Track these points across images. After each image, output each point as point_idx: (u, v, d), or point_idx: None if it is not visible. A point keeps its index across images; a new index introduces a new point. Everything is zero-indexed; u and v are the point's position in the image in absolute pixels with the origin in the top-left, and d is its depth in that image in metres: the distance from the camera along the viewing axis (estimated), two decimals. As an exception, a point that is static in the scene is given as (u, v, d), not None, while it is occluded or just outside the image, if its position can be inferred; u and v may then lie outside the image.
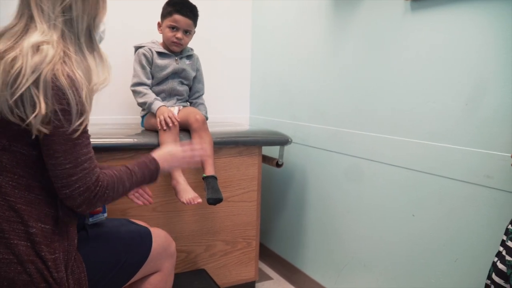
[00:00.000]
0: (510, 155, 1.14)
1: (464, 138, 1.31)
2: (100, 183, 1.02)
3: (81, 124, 0.99)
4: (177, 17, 1.76)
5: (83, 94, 0.99)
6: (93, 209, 1.07)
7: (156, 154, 1.22)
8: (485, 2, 1.24)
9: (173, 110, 1.82)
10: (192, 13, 1.80)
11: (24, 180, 1.00)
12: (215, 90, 2.33)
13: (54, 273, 1.00)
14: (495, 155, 1.22)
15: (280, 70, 2.25)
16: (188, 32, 1.82)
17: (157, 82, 1.82)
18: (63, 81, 0.95)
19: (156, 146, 1.63)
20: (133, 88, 1.79)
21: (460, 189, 1.33)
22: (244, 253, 1.97)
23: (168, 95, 1.85)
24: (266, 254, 2.42)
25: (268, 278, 2.27)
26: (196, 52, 1.95)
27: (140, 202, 1.40)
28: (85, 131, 1.02)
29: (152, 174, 1.18)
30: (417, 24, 1.45)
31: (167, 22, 1.78)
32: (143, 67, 1.79)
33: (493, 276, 1.00)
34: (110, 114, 2.12)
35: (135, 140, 1.62)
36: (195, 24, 1.85)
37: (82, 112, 0.99)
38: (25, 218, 0.99)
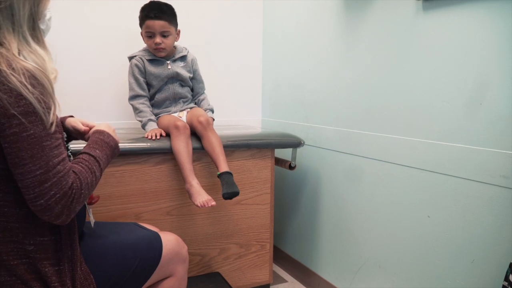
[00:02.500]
0: None
1: (479, 138, 1.30)
2: (74, 185, 0.91)
3: (51, 123, 0.89)
4: (149, 22, 1.74)
5: (45, 87, 0.89)
6: (73, 215, 0.94)
7: (103, 126, 1.15)
8: (500, 1, 1.22)
9: (182, 116, 1.83)
10: (162, 12, 1.74)
11: (11, 196, 0.92)
12: (226, 93, 2.34)
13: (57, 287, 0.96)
14: (511, 154, 1.20)
15: (292, 72, 2.25)
16: (166, 34, 1.78)
17: (157, 89, 1.84)
18: (13, 79, 0.84)
19: (169, 150, 1.65)
20: (130, 103, 1.83)
21: (475, 189, 1.32)
22: (258, 256, 1.97)
23: (172, 100, 1.87)
24: (280, 256, 2.42)
25: (283, 280, 2.27)
26: (207, 54, 1.94)
27: None
28: (54, 131, 0.91)
29: (113, 150, 1.12)
30: (429, 24, 1.44)
31: (143, 30, 1.78)
32: (136, 78, 1.81)
33: (511, 277, 0.99)
34: (120, 119, 2.14)
35: (148, 144, 1.63)
36: (172, 23, 1.79)
37: (47, 108, 0.88)
38: (20, 237, 0.93)
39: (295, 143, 1.93)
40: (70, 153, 1.12)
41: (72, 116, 1.29)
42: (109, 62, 2.08)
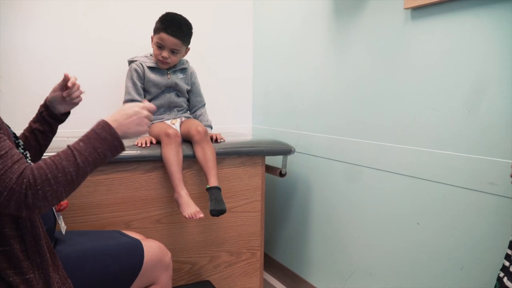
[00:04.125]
0: (511, 164, 1.14)
1: (467, 145, 1.31)
2: (24, 180, 0.85)
3: None
4: (164, 35, 1.73)
5: None
6: (40, 210, 0.88)
7: (107, 116, 1.02)
8: (485, 10, 1.24)
9: (175, 123, 1.83)
10: (180, 32, 1.74)
11: None
12: (217, 101, 2.34)
13: None
14: (499, 161, 1.21)
15: (283, 80, 2.26)
16: (176, 52, 1.78)
17: (153, 96, 1.83)
18: None
19: (159, 157, 1.64)
20: None
21: (464, 196, 1.33)
22: (249, 263, 1.96)
23: (167, 108, 1.86)
24: (271, 264, 2.41)
25: (273, 288, 2.26)
26: (198, 61, 1.94)
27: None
28: None
29: (108, 142, 0.97)
30: (418, 33, 1.46)
31: (155, 39, 1.77)
32: (134, 83, 1.80)
33: None
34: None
35: (138, 152, 1.63)
36: (185, 43, 1.80)
37: None
38: None
39: (285, 151, 1.93)
40: (23, 149, 1.08)
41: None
42: (100, 69, 2.08)
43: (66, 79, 1.19)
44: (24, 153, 1.10)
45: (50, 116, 1.24)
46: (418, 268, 1.51)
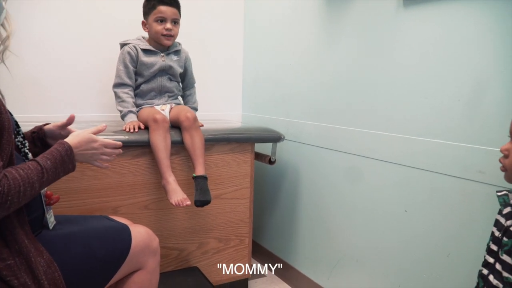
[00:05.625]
0: (500, 148, 1.14)
1: (457, 134, 1.32)
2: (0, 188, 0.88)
3: None
4: (162, 8, 1.74)
5: None
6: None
7: (73, 142, 1.10)
8: (477, -2, 1.24)
9: (165, 108, 1.81)
10: (175, 1, 1.79)
11: None
12: (207, 88, 2.32)
13: (13, 281, 0.94)
14: (488, 150, 1.22)
15: (273, 67, 2.24)
16: (176, 22, 1.80)
17: (145, 80, 1.80)
18: None
19: (147, 143, 1.62)
20: (114, 90, 1.79)
21: (452, 184, 1.34)
22: (237, 250, 1.96)
23: (158, 92, 1.83)
24: (259, 251, 2.42)
25: (261, 275, 2.27)
26: (187, 49, 1.93)
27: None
28: None
29: (68, 168, 1.07)
30: (410, 20, 1.45)
31: (153, 16, 1.75)
32: (125, 66, 1.76)
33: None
34: (99, 111, 2.11)
35: (126, 137, 1.61)
36: (180, 13, 1.82)
37: None
38: None
39: (275, 138, 1.93)
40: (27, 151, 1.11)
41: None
42: (88, 54, 2.05)
43: (71, 120, 1.24)
44: (23, 142, 1.13)
45: (40, 140, 1.27)
46: (405, 255, 1.52)
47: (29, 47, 1.91)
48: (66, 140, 1.11)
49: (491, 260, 0.96)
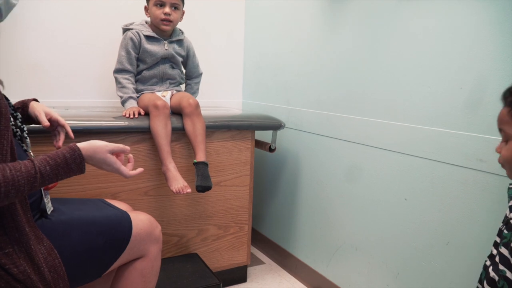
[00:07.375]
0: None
1: (457, 122, 1.31)
2: None
3: None
4: None
5: None
6: None
7: (86, 154, 1.04)
8: (481, -16, 1.23)
9: (166, 95, 1.80)
10: None
11: None
12: (207, 75, 2.30)
13: (12, 269, 0.94)
14: (488, 138, 1.22)
15: (274, 55, 2.23)
16: (176, 7, 1.75)
17: (148, 67, 1.79)
18: None
19: (147, 129, 1.62)
20: (114, 75, 1.77)
21: (452, 173, 1.34)
22: (236, 237, 1.97)
23: (160, 79, 1.82)
24: (258, 238, 2.43)
25: (260, 262, 2.28)
26: (188, 35, 1.91)
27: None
28: None
29: (72, 172, 1.01)
30: (412, 8, 1.44)
31: (153, 0, 1.73)
32: (127, 52, 1.75)
33: (485, 285, 0.92)
34: (99, 97, 2.10)
35: (126, 122, 1.60)
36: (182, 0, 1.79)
37: None
38: None
39: (275, 126, 1.92)
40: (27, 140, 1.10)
41: (36, 100, 1.28)
42: (89, 38, 2.03)
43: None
44: (21, 126, 1.12)
45: (23, 114, 1.25)
46: (404, 244, 1.52)
47: (29, 31, 1.89)
48: (80, 148, 1.03)
49: (494, 251, 0.95)
